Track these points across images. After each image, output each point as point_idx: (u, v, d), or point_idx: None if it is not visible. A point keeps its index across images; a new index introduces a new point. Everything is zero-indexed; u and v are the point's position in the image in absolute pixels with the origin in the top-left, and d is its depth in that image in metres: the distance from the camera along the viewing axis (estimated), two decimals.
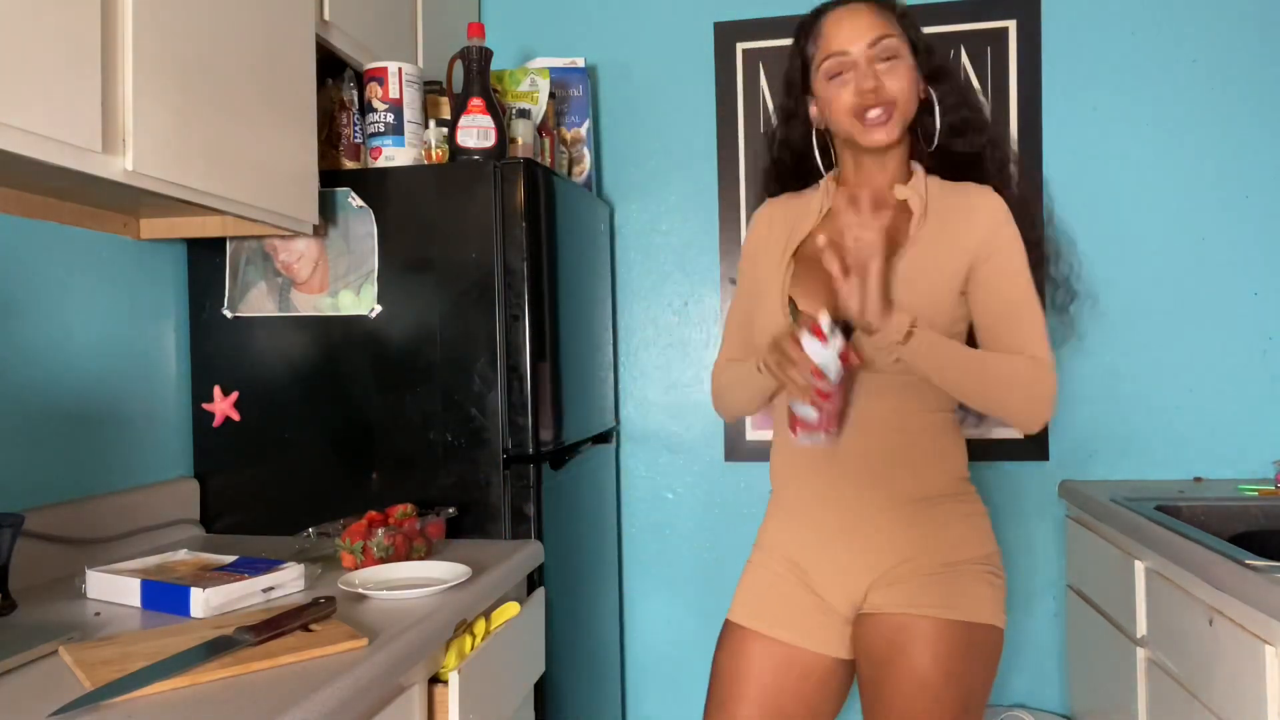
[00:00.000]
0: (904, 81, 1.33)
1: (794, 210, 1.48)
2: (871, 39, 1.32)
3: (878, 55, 1.32)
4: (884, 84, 1.32)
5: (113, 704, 0.95)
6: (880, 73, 1.32)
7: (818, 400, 1.26)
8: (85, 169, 1.17)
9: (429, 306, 1.75)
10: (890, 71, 1.32)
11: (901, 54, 1.34)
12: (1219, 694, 1.43)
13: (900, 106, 1.33)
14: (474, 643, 1.37)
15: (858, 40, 1.32)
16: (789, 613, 1.39)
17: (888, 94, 1.32)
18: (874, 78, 1.32)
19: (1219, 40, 2.20)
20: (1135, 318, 2.24)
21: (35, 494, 1.49)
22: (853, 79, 1.33)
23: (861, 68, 1.32)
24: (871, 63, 1.32)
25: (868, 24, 1.33)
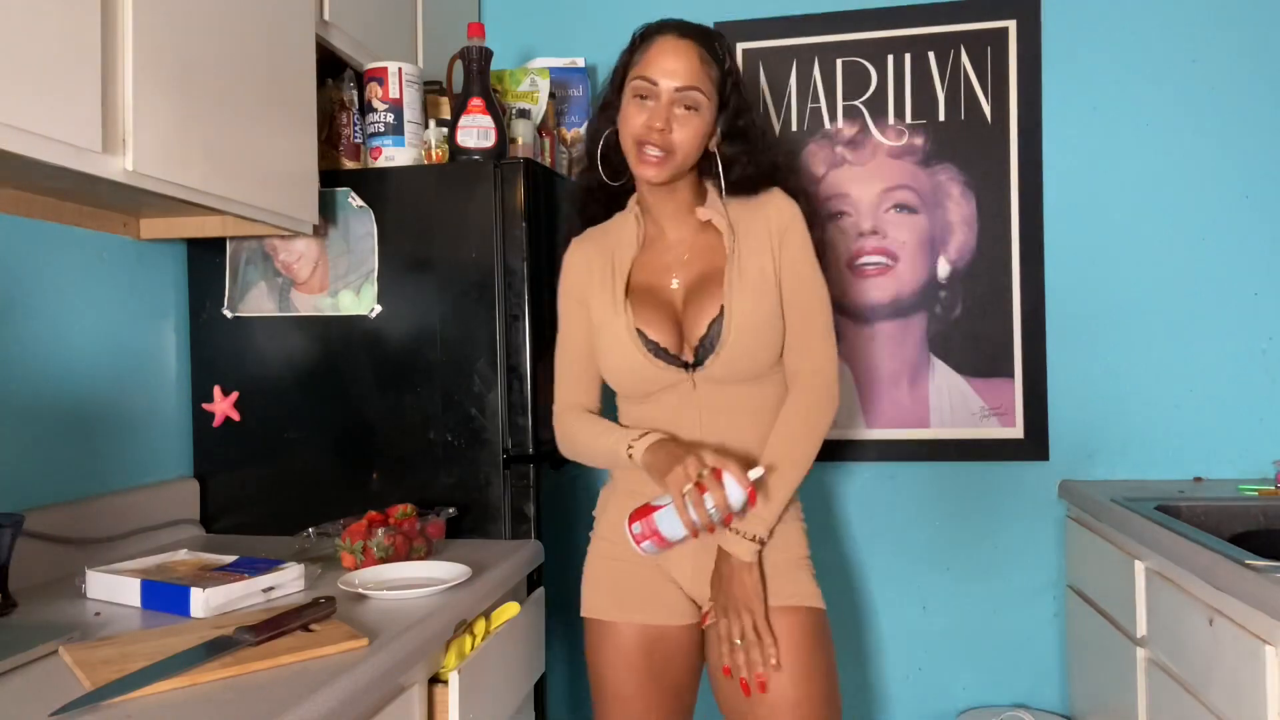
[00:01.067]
0: (691, 134, 1.37)
1: (606, 244, 1.50)
2: (680, 84, 1.36)
3: (681, 100, 1.36)
4: (671, 129, 1.36)
5: (113, 704, 0.95)
6: (675, 117, 1.36)
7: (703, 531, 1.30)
8: (85, 169, 1.17)
9: (429, 306, 1.75)
10: (685, 121, 1.37)
11: (702, 108, 1.38)
12: (1219, 694, 1.43)
13: (678, 156, 1.38)
14: (474, 643, 1.37)
15: (670, 79, 1.36)
16: (649, 598, 1.45)
17: (670, 141, 1.36)
18: (666, 119, 1.36)
19: (1219, 40, 2.20)
20: (1135, 318, 2.24)
21: (35, 494, 1.49)
22: (650, 108, 1.37)
23: (661, 104, 1.36)
24: (671, 105, 1.36)
25: (686, 69, 1.36)
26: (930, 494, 2.32)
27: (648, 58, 1.38)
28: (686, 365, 1.41)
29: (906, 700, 2.34)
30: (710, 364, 1.40)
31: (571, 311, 1.52)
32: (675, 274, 1.47)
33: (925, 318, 2.27)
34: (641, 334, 1.42)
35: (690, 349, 1.42)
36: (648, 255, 1.49)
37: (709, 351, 1.40)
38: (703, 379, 1.41)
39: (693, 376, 1.41)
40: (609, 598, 1.48)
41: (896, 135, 2.30)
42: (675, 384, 1.42)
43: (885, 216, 2.29)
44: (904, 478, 2.33)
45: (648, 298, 1.45)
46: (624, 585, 1.47)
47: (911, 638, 2.33)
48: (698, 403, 1.42)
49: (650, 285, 1.47)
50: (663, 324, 1.43)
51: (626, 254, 1.48)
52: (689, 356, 1.42)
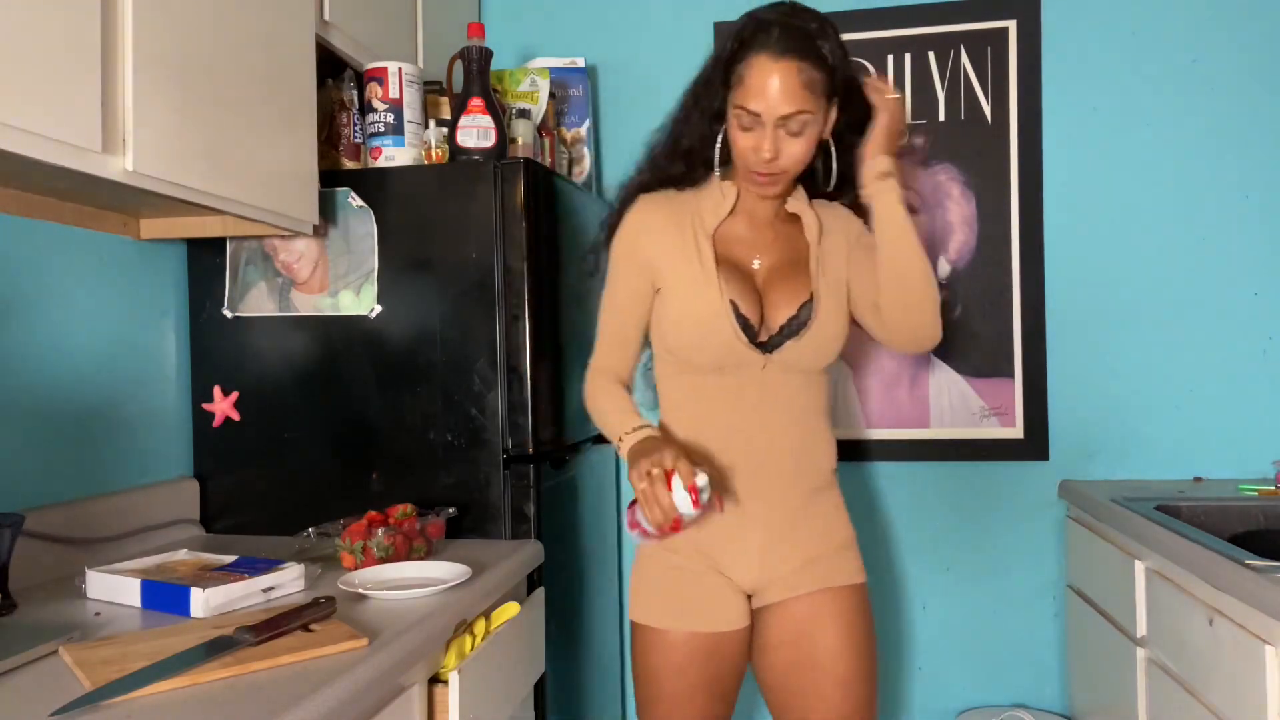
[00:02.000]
0: (800, 152, 1.37)
1: (683, 209, 1.48)
2: (786, 113, 1.33)
3: (786, 126, 1.35)
4: (782, 153, 1.36)
5: (113, 704, 0.95)
6: (781, 140, 1.35)
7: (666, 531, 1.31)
8: (85, 169, 1.17)
9: (429, 306, 1.75)
10: (791, 142, 1.36)
11: (810, 126, 1.36)
12: (1219, 694, 1.43)
13: (789, 174, 1.39)
14: (474, 643, 1.37)
15: (774, 110, 1.32)
16: (705, 603, 1.45)
17: (780, 165, 1.37)
18: (774, 147, 1.35)
19: (1219, 40, 2.20)
20: (1135, 318, 2.24)
21: (35, 494, 1.49)
22: (756, 135, 1.36)
23: (767, 132, 1.35)
24: (778, 129, 1.35)
25: (790, 95, 1.31)
26: (930, 494, 2.32)
27: (746, 86, 1.33)
28: (760, 346, 1.42)
29: (906, 700, 2.34)
30: (790, 347, 1.42)
31: (628, 273, 1.48)
32: (759, 254, 1.47)
33: None
34: (735, 306, 1.41)
35: (769, 331, 1.43)
36: (731, 229, 1.48)
37: (790, 335, 1.42)
38: (775, 362, 1.43)
39: (766, 358, 1.42)
40: (662, 603, 1.47)
41: None
42: (746, 362, 1.42)
43: None
44: (904, 478, 2.33)
45: (733, 270, 1.45)
46: (678, 591, 1.46)
47: (911, 638, 2.33)
48: (761, 386, 1.43)
49: (733, 258, 1.46)
50: (748, 300, 1.43)
51: (710, 222, 1.46)
52: (764, 337, 1.43)
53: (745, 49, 1.35)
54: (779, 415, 1.44)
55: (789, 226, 1.50)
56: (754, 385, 1.43)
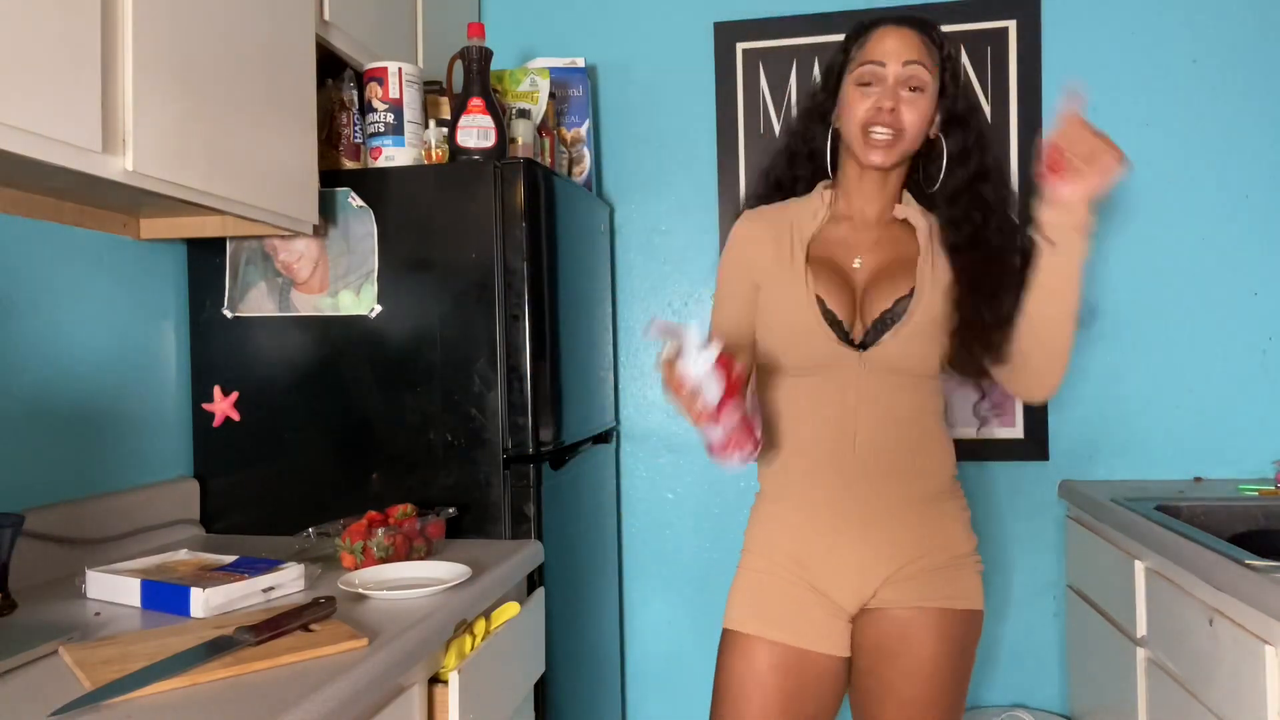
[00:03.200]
0: (919, 116, 1.37)
1: (783, 219, 1.48)
2: (908, 59, 1.36)
3: (907, 80, 1.36)
4: (901, 109, 1.36)
5: (113, 704, 0.95)
6: (902, 99, 1.36)
7: (704, 421, 1.24)
8: (85, 169, 1.17)
9: (429, 306, 1.75)
10: (911, 101, 1.36)
11: (928, 89, 1.38)
12: (1219, 694, 1.43)
13: (906, 137, 1.37)
14: (474, 643, 1.37)
15: (896, 57, 1.36)
16: (794, 615, 1.40)
17: (900, 120, 1.36)
18: (894, 99, 1.35)
19: (1219, 40, 2.20)
20: (1135, 317, 2.24)
21: (35, 494, 1.49)
22: (877, 92, 1.36)
23: (889, 85, 1.36)
24: (899, 85, 1.36)
25: (910, 47, 1.37)
26: None
27: (869, 46, 1.39)
28: (855, 345, 1.39)
29: None
30: (886, 342, 1.37)
31: (731, 277, 1.50)
32: (860, 254, 1.45)
33: None
34: (821, 301, 1.40)
35: (864, 327, 1.39)
36: (832, 233, 1.46)
37: (884, 329, 1.38)
38: (872, 360, 1.38)
39: (862, 355, 1.38)
40: (749, 609, 1.42)
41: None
42: (840, 362, 1.39)
43: None
44: None
45: (828, 270, 1.43)
46: (768, 598, 1.42)
47: None
48: (860, 388, 1.38)
49: (832, 260, 1.44)
50: (841, 297, 1.40)
51: (808, 227, 1.46)
52: (859, 335, 1.39)
53: (865, 31, 1.42)
54: (881, 418, 1.39)
55: (897, 230, 1.46)
56: (852, 387, 1.39)
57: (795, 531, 1.43)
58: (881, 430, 1.39)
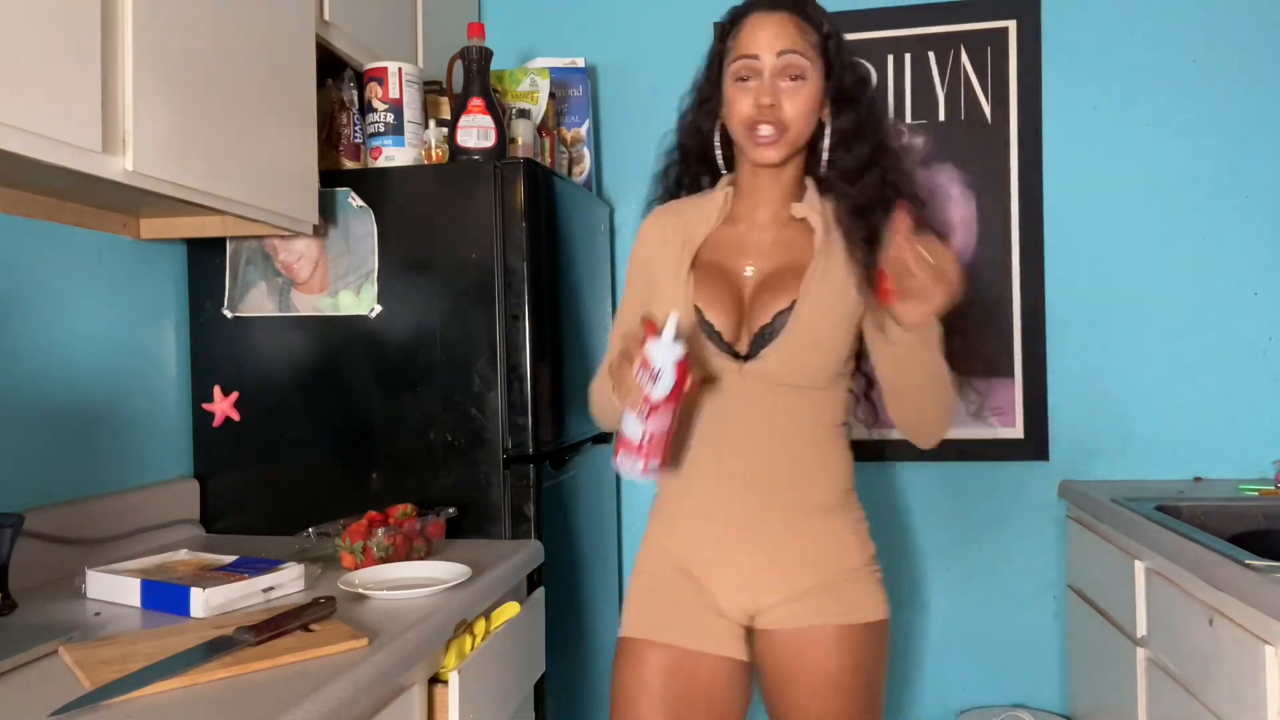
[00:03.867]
0: (802, 105, 1.31)
1: (687, 216, 1.43)
2: (781, 49, 1.29)
3: (784, 70, 1.30)
4: (781, 104, 1.29)
5: (113, 704, 0.95)
6: (782, 90, 1.30)
7: (643, 409, 1.19)
8: (85, 169, 1.17)
9: (429, 306, 1.75)
10: (792, 92, 1.30)
11: (809, 75, 1.31)
12: (1219, 694, 1.43)
13: (792, 131, 1.31)
14: (474, 643, 1.37)
15: (769, 48, 1.30)
16: (683, 617, 1.35)
17: (782, 115, 1.30)
18: (773, 94, 1.29)
19: (1219, 40, 2.20)
20: (1135, 318, 2.24)
21: (35, 494, 1.49)
22: (754, 88, 1.30)
23: (765, 79, 1.30)
24: (776, 76, 1.30)
25: (784, 35, 1.30)
26: (930, 494, 2.32)
27: (741, 38, 1.32)
28: (738, 356, 1.34)
29: (906, 700, 2.34)
30: (765, 356, 1.32)
31: (633, 282, 1.46)
32: (752, 261, 1.39)
33: None
34: (699, 312, 1.34)
35: (747, 339, 1.34)
36: (726, 235, 1.40)
37: (766, 343, 1.32)
38: (754, 372, 1.33)
39: (743, 368, 1.33)
40: (639, 614, 1.38)
41: (896, 135, 2.29)
42: (723, 373, 1.34)
43: None
44: (904, 478, 2.33)
45: (715, 278, 1.37)
46: (657, 602, 1.37)
47: (911, 638, 2.33)
48: (745, 398, 1.34)
49: (721, 266, 1.38)
50: (724, 307, 1.35)
51: (702, 229, 1.40)
52: (743, 348, 1.34)
53: (736, 21, 1.35)
54: (761, 431, 1.34)
55: (794, 232, 1.39)
56: (731, 399, 1.34)
57: (679, 539, 1.39)
58: (762, 443, 1.34)
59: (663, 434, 1.22)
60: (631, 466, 1.24)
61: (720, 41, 1.38)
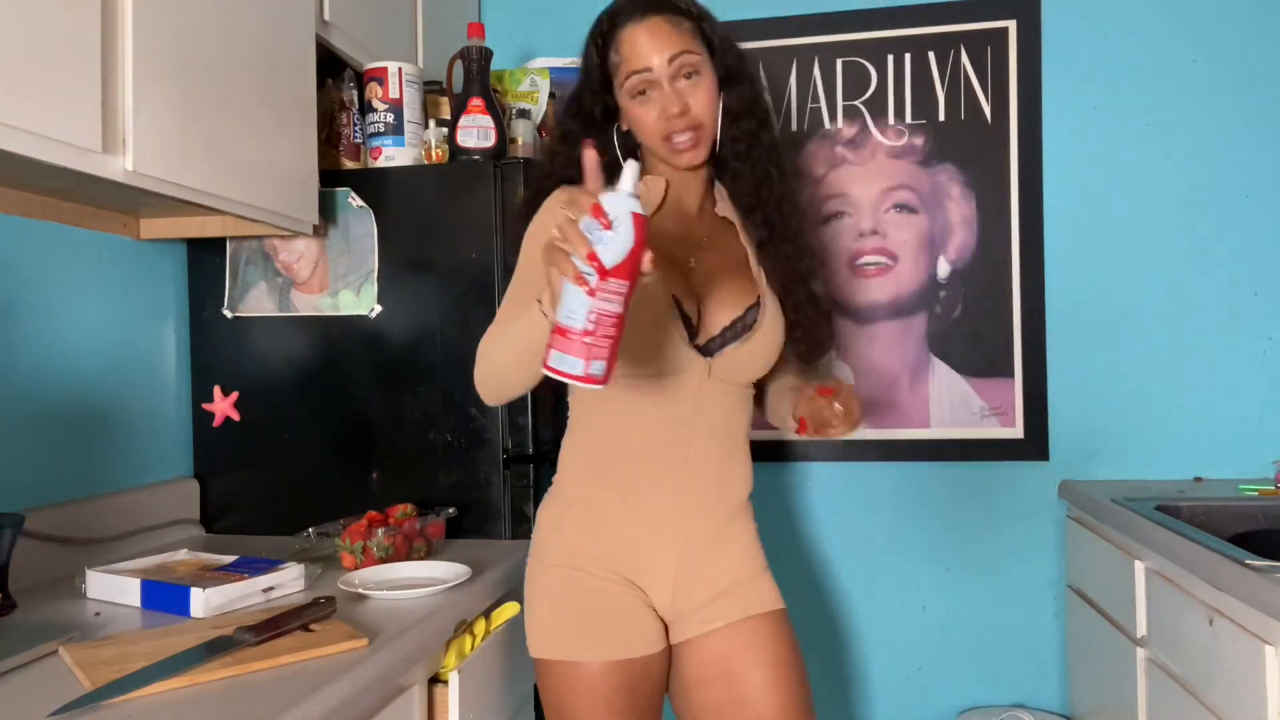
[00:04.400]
0: (706, 99, 1.30)
1: None
2: (672, 54, 1.27)
3: (679, 72, 1.28)
4: (689, 106, 1.28)
5: (112, 704, 0.95)
6: (683, 91, 1.28)
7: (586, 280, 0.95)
8: (85, 169, 1.17)
9: (429, 306, 1.75)
10: (693, 90, 1.29)
11: (702, 69, 1.30)
12: (1219, 694, 1.43)
13: (706, 127, 1.30)
14: (474, 643, 1.37)
15: (658, 55, 1.27)
16: (624, 627, 1.30)
17: (694, 118, 1.28)
18: (679, 99, 1.28)
19: (1219, 40, 2.20)
20: (1135, 318, 2.24)
21: (35, 494, 1.49)
22: (657, 99, 1.28)
23: (665, 88, 1.28)
24: (674, 80, 1.28)
25: (667, 40, 1.28)
26: (930, 494, 2.32)
27: (625, 54, 1.30)
28: (702, 352, 1.32)
29: (906, 700, 2.34)
30: (732, 352, 1.32)
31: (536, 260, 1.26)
32: (693, 253, 1.37)
33: (925, 318, 2.27)
34: (678, 304, 1.31)
35: (708, 334, 1.33)
36: (664, 225, 1.37)
37: (732, 339, 1.32)
38: (717, 369, 1.32)
39: (710, 364, 1.32)
40: (575, 632, 1.30)
41: (896, 135, 2.30)
42: (685, 367, 1.31)
43: (885, 216, 2.29)
44: (904, 478, 2.33)
45: (668, 269, 1.32)
46: (590, 615, 1.30)
47: (911, 637, 2.33)
48: (699, 395, 1.32)
49: (669, 257, 1.32)
50: (688, 299, 1.32)
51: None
52: (702, 341, 1.32)
53: (610, 34, 1.33)
54: (712, 429, 1.34)
55: (722, 229, 1.41)
56: (693, 394, 1.32)
57: (615, 538, 1.33)
58: (711, 442, 1.34)
59: (612, 320, 0.97)
60: (570, 365, 0.96)
61: (599, 56, 1.35)
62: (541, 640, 1.31)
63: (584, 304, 0.95)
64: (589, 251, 0.96)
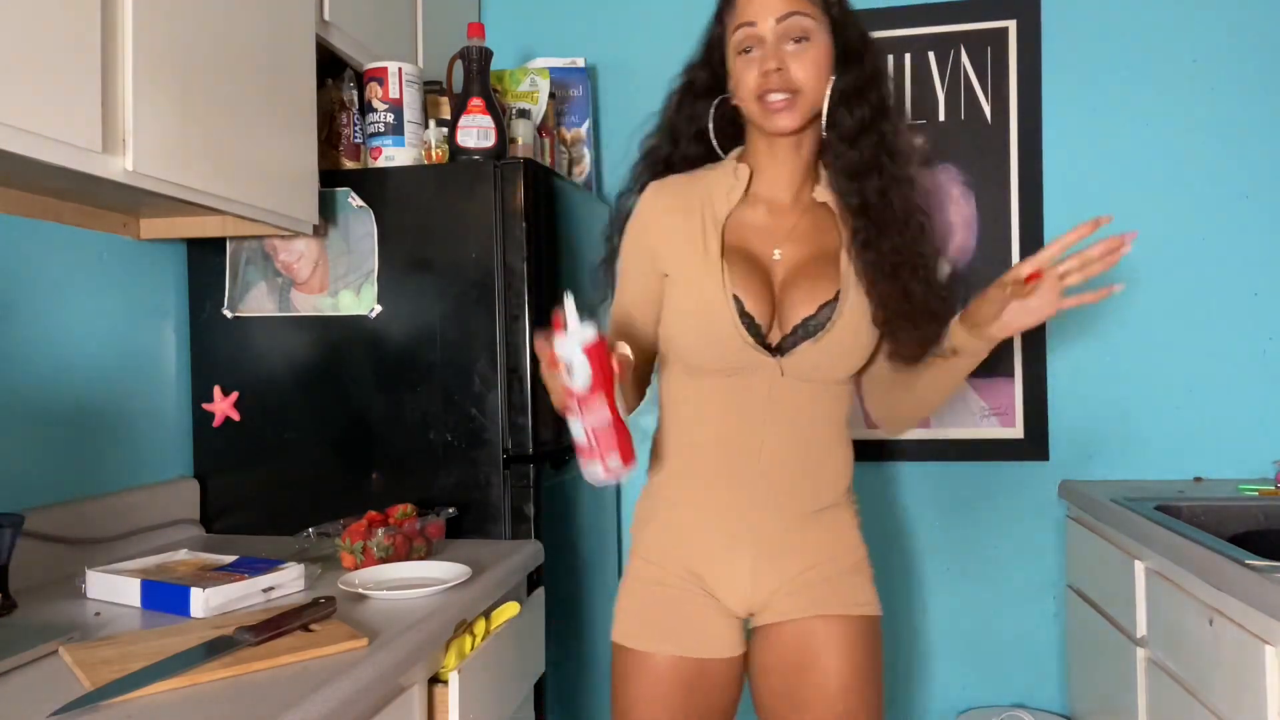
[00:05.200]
0: (812, 67, 1.24)
1: (693, 194, 1.34)
2: (781, 14, 1.23)
3: (787, 33, 1.23)
4: (789, 67, 1.23)
5: (112, 704, 0.95)
6: (787, 54, 1.23)
7: (574, 409, 1.14)
8: (85, 169, 1.17)
9: (429, 306, 1.75)
10: (799, 54, 1.23)
11: (814, 36, 1.24)
12: (1219, 694, 1.43)
13: (805, 93, 1.24)
14: (474, 643, 1.37)
15: (768, 14, 1.24)
16: (691, 626, 1.32)
17: (791, 79, 1.23)
18: (779, 59, 1.23)
19: (1219, 40, 2.20)
20: (1135, 318, 2.24)
21: (35, 494, 1.49)
22: (759, 57, 1.24)
23: (769, 45, 1.24)
24: (780, 41, 1.23)
25: None
26: (930, 494, 2.32)
27: (738, 8, 1.26)
28: (770, 349, 1.28)
29: (907, 700, 2.34)
30: (805, 350, 1.27)
31: (635, 259, 1.35)
32: (779, 244, 1.31)
33: None
34: (738, 302, 1.27)
35: (781, 331, 1.29)
36: (748, 216, 1.32)
37: (805, 338, 1.27)
38: (789, 368, 1.28)
39: (780, 363, 1.28)
40: (643, 623, 1.34)
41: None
42: (754, 367, 1.28)
43: None
44: (904, 478, 2.33)
45: (744, 262, 1.29)
46: (663, 610, 1.33)
47: (912, 638, 2.33)
48: (771, 395, 1.29)
49: (747, 250, 1.30)
50: (758, 295, 1.28)
51: (722, 208, 1.31)
52: (775, 339, 1.29)
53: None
54: (786, 427, 1.30)
55: (817, 216, 1.33)
56: (763, 394, 1.29)
57: (690, 539, 1.34)
58: (788, 440, 1.31)
59: (605, 427, 1.15)
60: (593, 471, 1.18)
61: (718, 22, 1.34)
62: (617, 627, 1.37)
63: (579, 427, 1.16)
64: (566, 390, 1.14)
